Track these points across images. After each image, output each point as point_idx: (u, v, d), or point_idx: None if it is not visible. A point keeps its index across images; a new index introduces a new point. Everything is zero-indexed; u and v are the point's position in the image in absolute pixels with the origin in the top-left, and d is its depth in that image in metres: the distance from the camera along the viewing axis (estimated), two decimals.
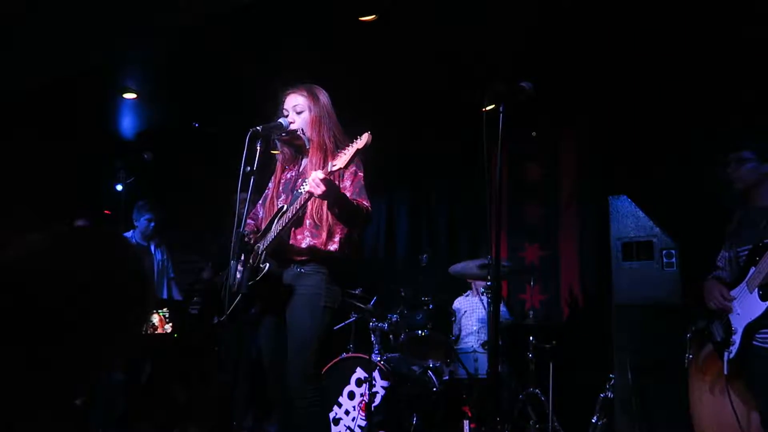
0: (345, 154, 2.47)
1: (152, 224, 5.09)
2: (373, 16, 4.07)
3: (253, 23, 4.35)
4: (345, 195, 2.62)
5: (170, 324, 4.28)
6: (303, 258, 2.69)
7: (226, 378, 3.65)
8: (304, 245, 2.70)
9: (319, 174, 2.45)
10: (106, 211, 6.97)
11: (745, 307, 2.87)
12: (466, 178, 6.38)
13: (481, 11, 4.18)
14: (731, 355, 2.87)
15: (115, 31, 4.53)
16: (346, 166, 2.50)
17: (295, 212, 2.61)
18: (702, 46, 4.39)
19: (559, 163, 5.77)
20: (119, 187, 6.40)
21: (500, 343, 4.71)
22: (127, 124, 6.22)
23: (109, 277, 1.03)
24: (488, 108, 5.80)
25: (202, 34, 4.45)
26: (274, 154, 3.00)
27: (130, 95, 5.50)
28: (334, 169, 2.48)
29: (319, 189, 2.45)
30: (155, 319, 4.26)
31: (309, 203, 2.63)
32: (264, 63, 4.81)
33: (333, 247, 2.71)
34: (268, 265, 2.62)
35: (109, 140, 6.39)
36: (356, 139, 2.47)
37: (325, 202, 2.62)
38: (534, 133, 5.79)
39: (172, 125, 6.15)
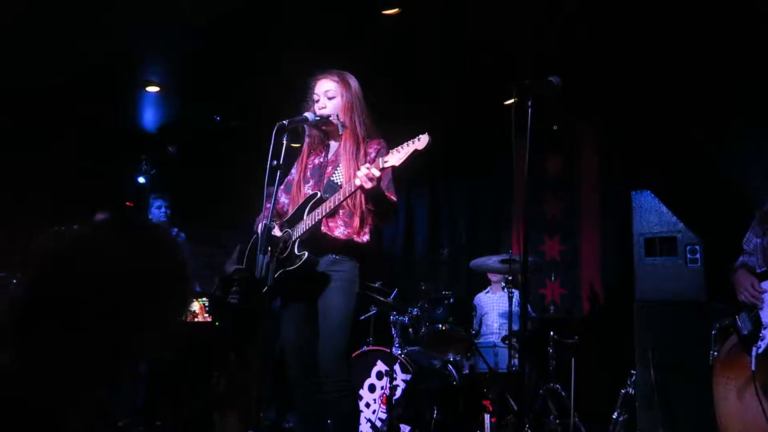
0: (399, 152, 2.40)
1: (163, 210, 5.09)
2: (396, 9, 4.05)
3: (273, 19, 4.36)
4: (383, 191, 2.61)
5: (209, 314, 4.30)
6: (337, 246, 2.70)
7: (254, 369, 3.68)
8: (337, 233, 2.71)
9: (375, 171, 2.40)
10: (127, 203, 7.05)
11: None
12: (486, 173, 6.37)
13: (503, 6, 4.16)
14: (759, 351, 2.81)
15: (140, 25, 4.57)
16: (400, 165, 2.42)
17: (338, 204, 2.59)
18: (726, 39, 4.34)
19: (581, 157, 5.72)
20: (141, 180, 6.46)
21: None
22: (149, 117, 6.28)
23: (149, 267, 1.05)
24: (509, 102, 5.76)
25: (225, 28, 4.47)
26: (295, 147, 2.98)
27: (153, 88, 5.54)
28: (386, 165, 2.42)
29: (370, 184, 2.41)
30: (195, 306, 4.29)
31: None
32: (284, 57, 4.83)
33: (365, 237, 2.74)
34: (306, 253, 2.62)
35: (131, 133, 6.46)
36: (415, 138, 2.39)
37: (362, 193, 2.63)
38: (555, 127, 5.75)
39: (194, 118, 6.19)
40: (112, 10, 4.24)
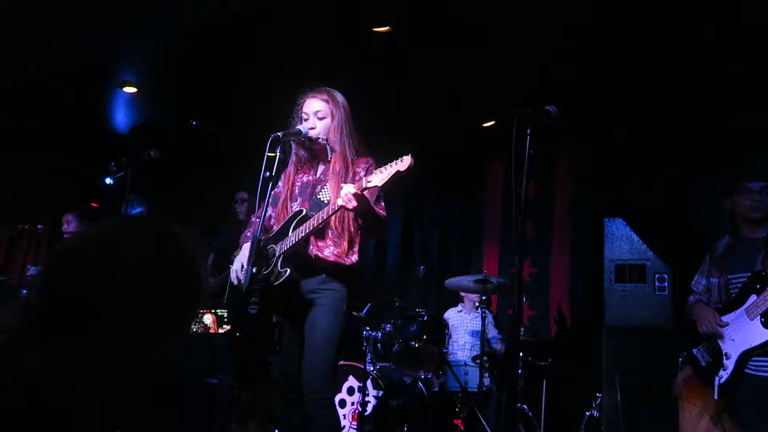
0: (382, 173, 2.45)
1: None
2: (387, 28, 4.09)
3: (255, 29, 4.34)
4: (373, 208, 2.63)
5: (227, 325, 4.17)
6: (326, 267, 2.70)
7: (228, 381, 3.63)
8: (327, 254, 2.71)
9: (352, 189, 2.43)
10: (92, 204, 6.88)
11: (743, 333, 2.91)
12: (458, 192, 6.44)
13: (486, 36, 4.23)
14: (722, 380, 2.92)
15: (120, 26, 4.49)
16: (382, 185, 2.47)
17: (321, 222, 2.60)
18: (699, 71, 4.49)
19: (554, 181, 5.82)
20: (109, 181, 6.32)
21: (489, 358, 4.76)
22: (123, 118, 6.15)
23: (166, 265, 1.02)
24: (488, 125, 5.81)
25: (210, 34, 4.43)
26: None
27: (130, 89, 5.44)
28: (369, 185, 2.46)
29: (351, 204, 2.45)
30: (208, 319, 4.16)
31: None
32: (266, 67, 4.81)
33: (354, 257, 2.75)
34: (288, 270, 2.61)
35: (103, 133, 6.31)
36: (399, 160, 2.43)
37: (351, 213, 2.65)
38: (531, 151, 5.84)
39: (168, 122, 6.10)
40: (96, 10, 4.15)
